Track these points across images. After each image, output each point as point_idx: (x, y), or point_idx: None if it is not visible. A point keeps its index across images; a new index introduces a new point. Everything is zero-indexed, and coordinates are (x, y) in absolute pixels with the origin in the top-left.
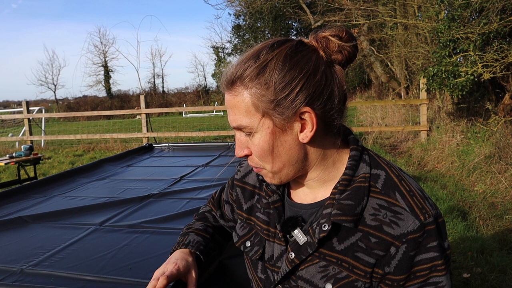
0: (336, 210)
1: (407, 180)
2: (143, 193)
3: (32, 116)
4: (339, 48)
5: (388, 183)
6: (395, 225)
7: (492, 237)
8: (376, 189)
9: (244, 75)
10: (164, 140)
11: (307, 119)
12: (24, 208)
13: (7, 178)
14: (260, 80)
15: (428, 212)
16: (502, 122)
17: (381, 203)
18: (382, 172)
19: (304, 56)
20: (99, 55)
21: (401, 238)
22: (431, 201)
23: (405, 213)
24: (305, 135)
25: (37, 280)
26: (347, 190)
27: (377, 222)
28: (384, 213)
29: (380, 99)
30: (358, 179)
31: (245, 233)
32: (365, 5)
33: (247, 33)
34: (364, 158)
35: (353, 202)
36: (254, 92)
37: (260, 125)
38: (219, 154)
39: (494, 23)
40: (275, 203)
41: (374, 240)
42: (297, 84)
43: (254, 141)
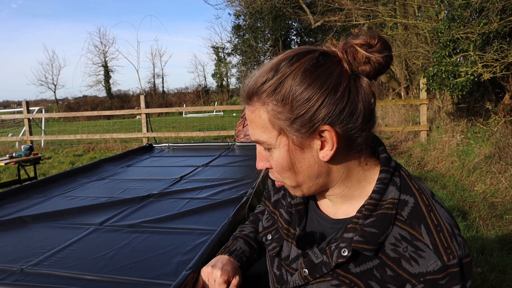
0: (359, 236)
1: (437, 211)
2: (143, 193)
3: (32, 116)
4: (366, 59)
5: (415, 212)
6: (415, 262)
7: (492, 237)
8: (401, 218)
9: (262, 90)
10: (164, 140)
11: (327, 137)
12: (24, 208)
13: (7, 178)
14: (277, 97)
15: (454, 252)
16: (502, 122)
17: (404, 234)
18: (411, 199)
19: (325, 71)
20: (99, 55)
21: (419, 277)
22: (459, 239)
23: (428, 251)
24: (325, 154)
25: (37, 280)
26: (372, 216)
27: (396, 255)
28: (405, 246)
29: (380, 99)
30: (385, 205)
31: (269, 225)
32: (365, 5)
33: (247, 33)
34: (395, 181)
35: (378, 230)
36: (271, 108)
37: (277, 142)
38: (219, 154)
39: (494, 23)
40: (298, 206)
41: (389, 273)
42: (316, 101)
43: (273, 156)
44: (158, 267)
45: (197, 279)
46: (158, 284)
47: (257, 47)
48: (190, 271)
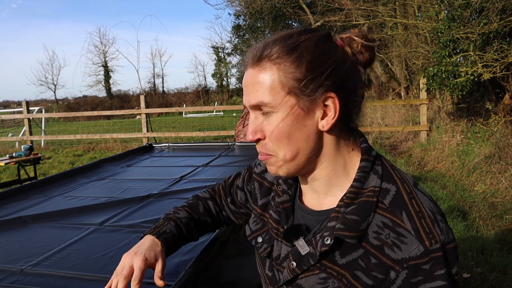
0: (340, 224)
1: (418, 198)
2: (143, 193)
3: (32, 116)
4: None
5: (397, 200)
6: (397, 248)
7: (492, 237)
8: (383, 206)
9: (273, 51)
10: (164, 140)
11: (330, 105)
12: (24, 208)
13: (7, 178)
14: (291, 58)
15: (436, 237)
16: (502, 122)
17: (386, 222)
18: (393, 187)
19: (333, 47)
20: (99, 55)
21: (402, 263)
22: (442, 225)
23: (410, 236)
24: (326, 122)
25: (37, 280)
26: (354, 204)
27: (379, 242)
28: (388, 233)
29: (380, 99)
30: (366, 193)
31: (258, 228)
32: (365, 5)
33: (247, 33)
34: (376, 169)
35: (359, 217)
36: (283, 68)
37: (283, 103)
38: (219, 154)
39: (494, 23)
40: (284, 204)
41: (374, 261)
42: (327, 68)
43: (273, 121)
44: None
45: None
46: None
47: None
48: (190, 271)
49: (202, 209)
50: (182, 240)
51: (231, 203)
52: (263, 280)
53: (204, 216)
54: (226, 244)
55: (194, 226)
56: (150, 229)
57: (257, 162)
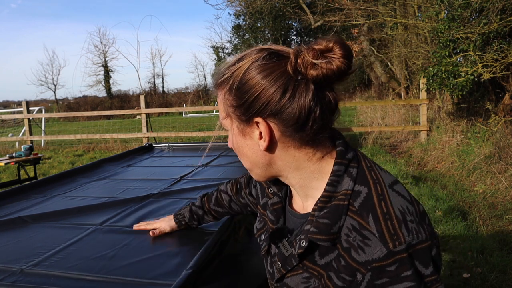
0: (313, 228)
1: (389, 200)
2: (143, 193)
3: (32, 116)
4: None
5: (366, 202)
6: (361, 250)
7: (492, 237)
8: (353, 208)
9: (220, 79)
10: (164, 140)
11: (262, 128)
12: (24, 208)
13: (7, 178)
14: (227, 86)
15: (400, 239)
16: (502, 122)
17: (354, 224)
18: (365, 189)
19: (269, 69)
20: (99, 55)
21: (366, 265)
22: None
23: (373, 239)
24: (262, 143)
25: (37, 280)
26: (326, 208)
27: (348, 244)
28: (354, 236)
29: (380, 99)
30: (338, 196)
31: (261, 227)
32: (365, 5)
33: (247, 33)
34: (350, 172)
35: (330, 221)
36: (222, 94)
37: (228, 125)
38: (219, 154)
39: (494, 23)
40: (275, 205)
41: (343, 263)
42: (252, 94)
43: (229, 138)
44: (158, 267)
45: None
46: (158, 284)
47: None
48: (190, 271)
49: (214, 200)
50: (194, 221)
51: (249, 195)
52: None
53: (214, 206)
54: (226, 244)
55: (203, 214)
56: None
57: None
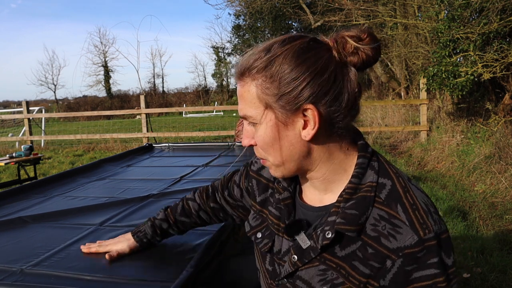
0: (340, 218)
1: (413, 192)
2: (143, 193)
3: (32, 116)
4: (354, 49)
5: (392, 194)
6: (393, 238)
7: (492, 237)
8: (379, 199)
9: (253, 66)
10: (164, 140)
11: (310, 116)
12: (24, 208)
13: (7, 178)
14: (267, 73)
15: (429, 227)
16: (502, 122)
17: (382, 214)
18: (389, 182)
19: (315, 55)
20: (99, 55)
21: (398, 251)
22: (435, 216)
23: (404, 227)
24: (307, 133)
25: (37, 280)
26: (352, 199)
27: (376, 233)
28: (383, 224)
29: (380, 99)
30: (364, 188)
31: (257, 224)
32: (365, 5)
33: (247, 33)
34: (373, 165)
35: (358, 212)
36: (260, 83)
37: (263, 117)
38: (219, 154)
39: (494, 23)
40: (285, 200)
41: (370, 251)
42: (303, 81)
43: (258, 132)
44: (158, 267)
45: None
46: (158, 284)
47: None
48: (190, 271)
49: (180, 210)
50: (157, 237)
51: (228, 196)
52: (263, 275)
53: (181, 217)
54: (226, 244)
55: (168, 226)
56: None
57: (254, 160)
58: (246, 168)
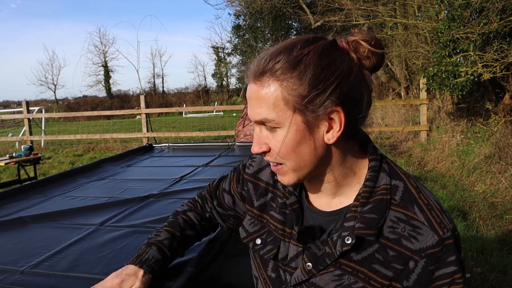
0: (360, 223)
1: (425, 192)
2: (143, 193)
3: (32, 116)
4: (368, 53)
5: (407, 195)
6: (414, 239)
7: (492, 237)
8: (395, 202)
9: (276, 67)
10: (164, 140)
11: (335, 119)
12: (24, 208)
13: (7, 178)
14: (294, 74)
15: (447, 226)
16: (502, 122)
17: (400, 216)
18: (401, 184)
19: (339, 56)
20: (99, 55)
21: (420, 252)
22: (447, 214)
23: (424, 228)
24: (332, 136)
25: (37, 280)
26: (369, 203)
27: (396, 236)
28: (403, 226)
29: (380, 99)
30: (379, 191)
31: (256, 230)
32: (365, 5)
33: (247, 33)
34: (384, 168)
35: (377, 215)
36: (286, 85)
37: (287, 120)
38: (219, 154)
39: (494, 23)
40: (293, 205)
41: (392, 254)
42: (332, 82)
43: (278, 137)
44: None
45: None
46: (158, 284)
47: (257, 47)
48: (190, 271)
49: (182, 223)
50: (168, 261)
51: (218, 206)
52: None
53: (186, 230)
54: (226, 244)
55: (178, 244)
56: (132, 259)
57: (248, 163)
58: (238, 172)
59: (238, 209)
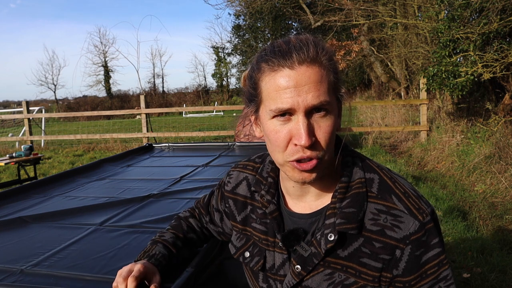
0: (340, 219)
1: (399, 181)
2: (143, 193)
3: (32, 116)
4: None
5: (383, 186)
6: (397, 228)
7: (492, 237)
8: (372, 194)
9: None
10: (164, 140)
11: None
12: (24, 208)
13: (7, 178)
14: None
15: (425, 211)
16: (502, 122)
17: (380, 208)
18: (376, 176)
19: None
20: (99, 55)
21: (405, 240)
22: (424, 199)
23: (405, 216)
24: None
25: (37, 280)
26: (347, 198)
27: (379, 227)
28: (384, 217)
29: (380, 99)
30: (354, 185)
31: (243, 244)
32: (365, 5)
33: (247, 33)
34: (356, 162)
35: (355, 209)
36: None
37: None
38: (219, 154)
39: (494, 23)
40: (273, 213)
41: (378, 245)
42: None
43: (327, 122)
44: None
45: (195, 279)
46: None
47: (257, 47)
48: (190, 271)
49: (185, 227)
50: (174, 259)
51: (210, 222)
52: None
53: (188, 233)
54: (226, 244)
55: (182, 244)
56: (139, 256)
57: (226, 180)
58: (220, 189)
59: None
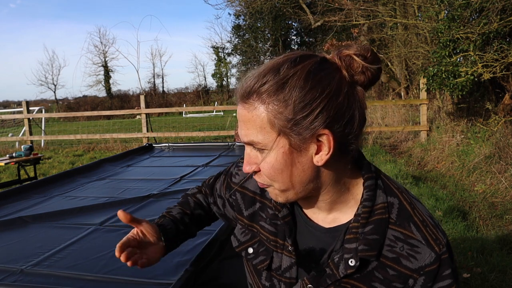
0: (363, 245)
1: (418, 207)
2: (143, 193)
3: (32, 116)
4: (362, 69)
5: (402, 213)
6: (413, 258)
7: (492, 237)
8: (392, 220)
9: (262, 89)
10: (164, 140)
11: (324, 141)
12: (24, 208)
13: (7, 178)
14: (279, 97)
15: (442, 242)
16: (502, 122)
17: (397, 235)
18: (396, 200)
19: (327, 75)
20: (99, 55)
21: (419, 271)
22: (441, 228)
23: (421, 246)
24: (320, 158)
25: (37, 280)
26: (370, 223)
27: (394, 255)
28: (401, 245)
29: (380, 99)
30: (378, 210)
31: (247, 239)
32: (365, 5)
33: (247, 33)
34: (379, 184)
35: (378, 236)
36: (271, 108)
37: (274, 143)
38: (219, 154)
39: (494, 23)
40: (285, 218)
41: (392, 273)
42: (318, 105)
43: (266, 159)
44: (158, 267)
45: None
46: (158, 284)
47: (257, 47)
48: (190, 271)
49: (192, 203)
50: (181, 234)
51: (213, 203)
52: None
53: (196, 210)
54: (226, 244)
55: (189, 221)
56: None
57: (235, 171)
58: (227, 178)
59: (227, 213)
